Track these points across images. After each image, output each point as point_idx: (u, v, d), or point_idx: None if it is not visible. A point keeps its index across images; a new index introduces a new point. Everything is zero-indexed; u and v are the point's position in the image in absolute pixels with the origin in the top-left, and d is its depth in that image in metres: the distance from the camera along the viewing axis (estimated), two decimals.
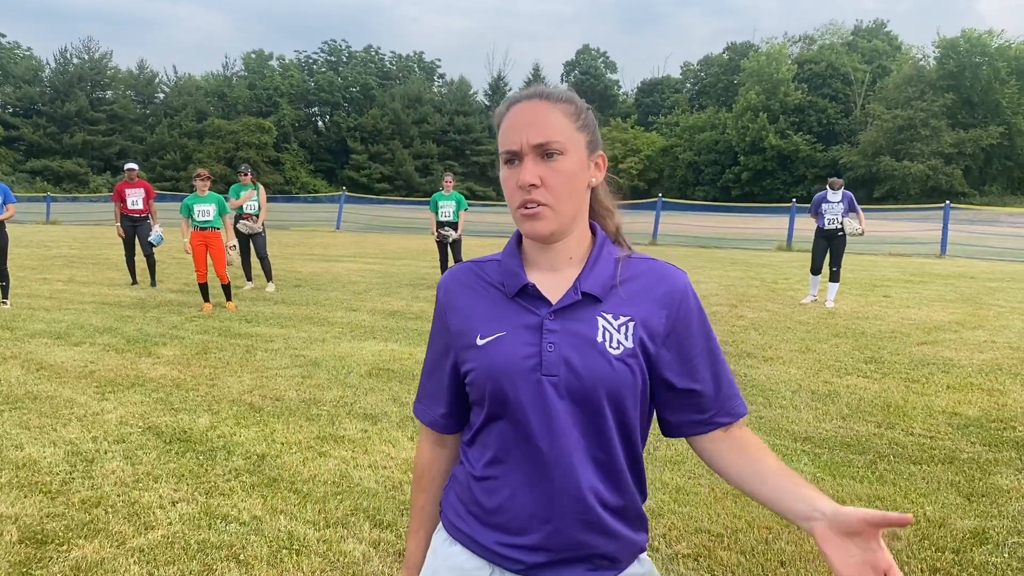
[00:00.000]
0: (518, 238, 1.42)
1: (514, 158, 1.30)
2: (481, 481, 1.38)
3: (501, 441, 1.35)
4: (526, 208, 1.30)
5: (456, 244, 12.71)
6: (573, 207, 1.33)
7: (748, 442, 1.38)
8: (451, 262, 12.66)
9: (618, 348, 1.30)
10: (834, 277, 10.95)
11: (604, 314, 1.32)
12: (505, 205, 1.35)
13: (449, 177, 13.14)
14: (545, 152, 1.29)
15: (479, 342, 1.35)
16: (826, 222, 10.99)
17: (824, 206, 11.04)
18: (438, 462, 1.53)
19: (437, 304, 1.47)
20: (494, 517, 1.36)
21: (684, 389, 1.38)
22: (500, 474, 1.35)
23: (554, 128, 1.29)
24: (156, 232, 11.92)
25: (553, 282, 1.36)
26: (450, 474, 1.51)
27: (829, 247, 11.01)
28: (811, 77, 74.08)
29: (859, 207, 11.11)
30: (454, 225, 12.63)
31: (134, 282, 12.57)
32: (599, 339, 1.30)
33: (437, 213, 12.72)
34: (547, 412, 1.29)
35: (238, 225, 11.95)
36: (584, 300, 1.33)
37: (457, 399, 1.45)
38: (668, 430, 1.44)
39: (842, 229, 10.89)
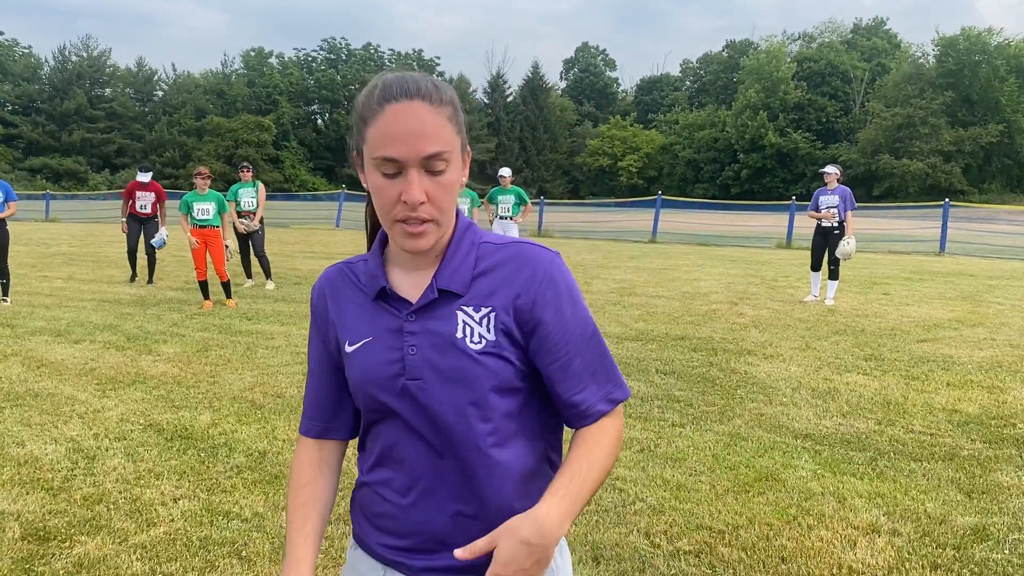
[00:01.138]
0: (384, 237, 1.34)
1: (394, 168, 1.17)
2: (366, 486, 1.35)
3: (382, 446, 1.31)
4: (407, 224, 1.19)
5: None
6: (452, 215, 1.26)
7: (592, 431, 1.29)
8: None
9: (479, 342, 1.24)
10: (833, 275, 10.95)
11: (464, 308, 1.25)
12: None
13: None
14: (432, 164, 1.17)
15: (348, 349, 1.31)
16: (823, 219, 10.98)
17: (821, 200, 11.03)
18: (319, 463, 1.42)
19: (312, 307, 1.40)
20: (380, 520, 1.33)
21: (553, 380, 1.29)
22: (384, 478, 1.31)
23: (441, 138, 1.18)
24: (161, 235, 11.97)
25: (414, 281, 1.29)
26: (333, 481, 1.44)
27: (826, 244, 11.00)
28: (810, 75, 74.12)
29: (853, 206, 10.98)
30: None
31: (134, 277, 12.60)
32: (459, 335, 1.24)
33: None
34: (418, 415, 1.26)
35: (235, 223, 11.95)
36: (442, 297, 1.26)
37: (327, 406, 1.40)
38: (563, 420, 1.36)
39: (839, 228, 10.87)
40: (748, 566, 3.35)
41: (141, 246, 12.58)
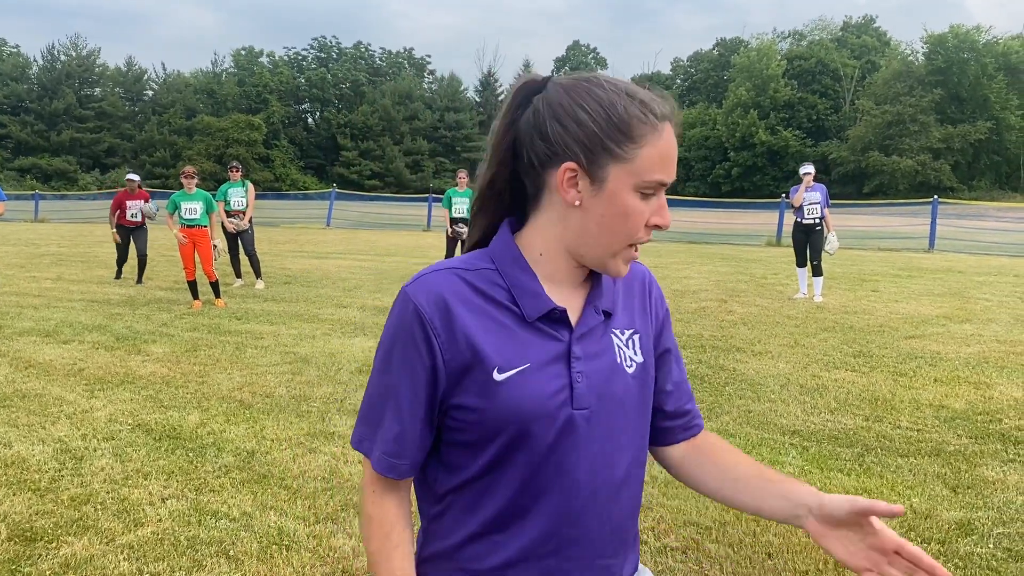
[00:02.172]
0: (512, 238, 1.18)
1: (654, 191, 1.11)
2: (478, 539, 1.17)
3: (506, 498, 1.14)
4: (635, 250, 1.15)
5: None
6: None
7: (717, 446, 1.30)
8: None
9: (631, 366, 1.19)
10: (816, 271, 11.04)
11: (614, 331, 1.19)
12: None
13: (463, 174, 13.20)
14: None
15: (497, 377, 1.11)
16: (804, 215, 11.08)
17: (805, 196, 11.12)
18: (406, 509, 1.21)
19: (419, 324, 1.12)
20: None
21: (665, 392, 1.29)
22: (510, 525, 1.15)
23: None
24: (151, 207, 12.20)
25: (565, 299, 1.17)
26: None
27: (809, 241, 11.09)
28: (801, 73, 74.35)
29: (827, 203, 11.18)
30: (468, 222, 12.65)
31: (118, 276, 12.65)
32: (618, 360, 1.17)
33: (451, 209, 12.75)
34: (580, 450, 1.14)
35: (225, 223, 11.94)
36: (603, 319, 1.19)
37: (427, 442, 1.18)
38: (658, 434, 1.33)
39: (820, 224, 10.99)
40: (735, 562, 3.36)
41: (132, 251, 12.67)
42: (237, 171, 12.33)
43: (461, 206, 12.72)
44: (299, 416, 5.42)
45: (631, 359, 1.19)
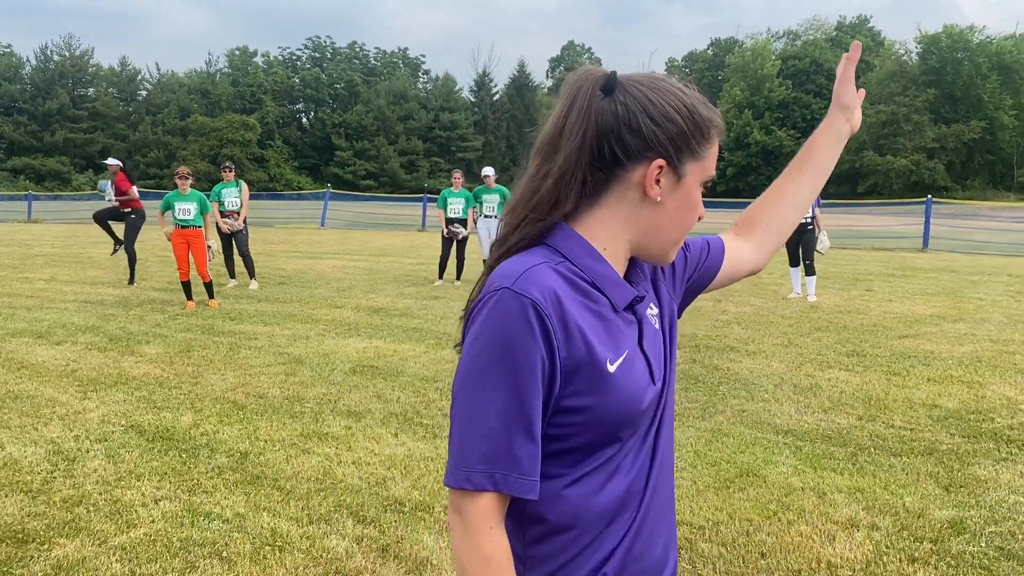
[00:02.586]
0: (575, 233, 1.17)
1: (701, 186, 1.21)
2: (594, 538, 1.15)
3: (623, 488, 1.15)
4: (679, 242, 1.23)
5: (463, 242, 12.79)
6: None
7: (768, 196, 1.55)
8: (454, 259, 12.78)
9: (669, 340, 1.28)
10: (809, 270, 11.07)
11: (650, 306, 1.26)
12: None
13: (458, 174, 13.21)
14: None
15: (610, 368, 1.10)
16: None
17: None
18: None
19: (539, 321, 1.06)
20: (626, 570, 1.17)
21: (708, 253, 1.45)
22: (618, 520, 1.16)
23: None
24: (102, 183, 12.26)
25: None
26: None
27: (800, 240, 11.13)
28: (795, 73, 74.50)
29: (818, 202, 11.31)
30: (463, 222, 12.72)
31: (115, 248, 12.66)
32: (656, 327, 1.25)
33: (446, 210, 12.78)
34: (661, 429, 1.21)
35: (219, 223, 11.91)
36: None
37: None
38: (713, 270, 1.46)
39: (811, 224, 11.05)
40: (728, 561, 3.37)
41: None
42: (230, 171, 12.31)
43: (457, 206, 12.75)
44: (293, 417, 5.41)
45: (665, 332, 1.27)
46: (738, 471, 4.40)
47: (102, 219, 12.75)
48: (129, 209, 12.55)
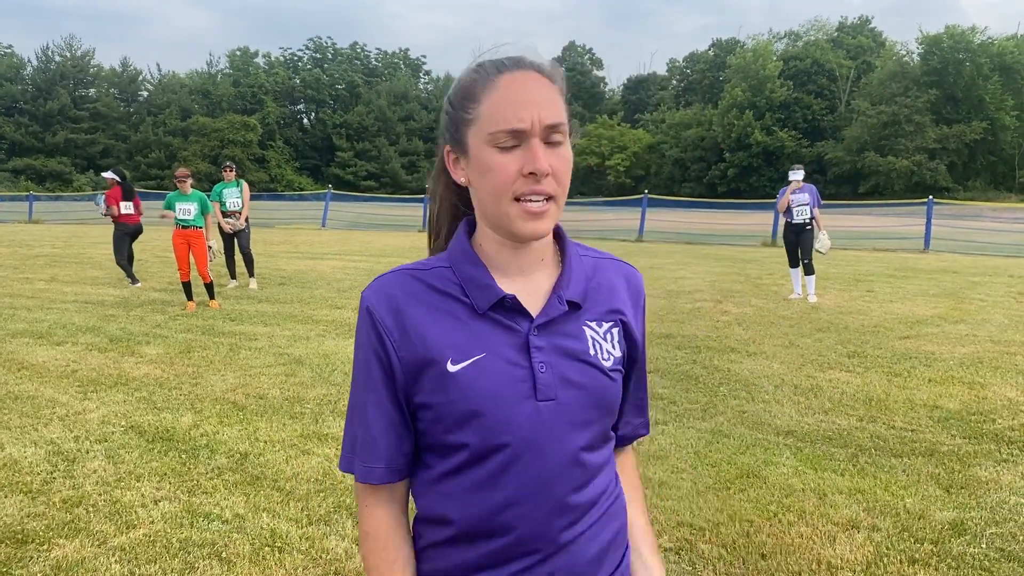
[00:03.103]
0: (467, 236, 1.20)
1: (515, 139, 1.08)
2: (444, 545, 1.18)
3: (482, 484, 1.13)
4: (531, 202, 1.09)
5: None
6: (564, 201, 1.14)
7: (630, 475, 1.34)
8: None
9: (608, 359, 1.18)
10: (808, 270, 11.05)
11: (589, 323, 1.18)
12: None
13: None
14: (552, 135, 1.09)
15: (451, 368, 1.11)
16: (794, 216, 11.14)
17: (793, 198, 11.20)
18: (399, 521, 1.22)
19: (371, 325, 1.15)
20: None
21: (627, 397, 1.29)
22: (488, 527, 1.14)
23: (561, 108, 1.11)
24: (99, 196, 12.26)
25: (528, 290, 1.17)
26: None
27: (797, 241, 11.13)
28: (796, 74, 74.44)
29: (819, 202, 11.27)
30: None
31: (134, 280, 12.53)
32: (592, 352, 1.16)
33: None
34: (542, 439, 1.12)
35: (221, 223, 11.92)
36: (569, 310, 1.17)
37: (403, 445, 1.18)
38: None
39: (810, 224, 11.04)
40: (728, 562, 3.36)
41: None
42: (231, 171, 12.31)
43: None
44: (292, 418, 5.40)
45: (608, 352, 1.18)
46: (738, 472, 4.39)
47: (123, 258, 12.61)
48: (113, 219, 12.57)
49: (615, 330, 1.20)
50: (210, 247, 10.39)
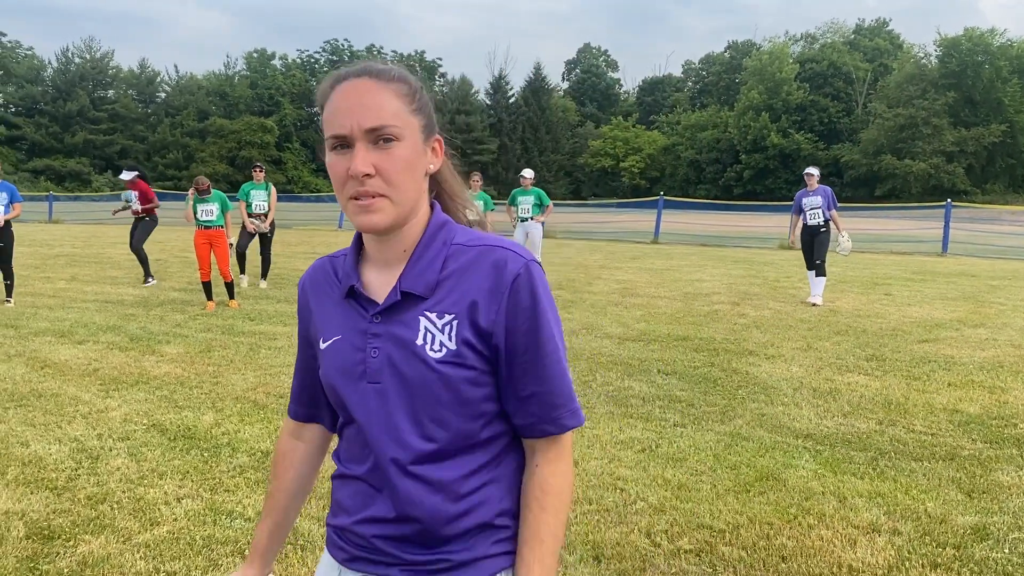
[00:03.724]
0: (359, 234, 1.32)
1: (342, 143, 1.19)
2: (335, 478, 1.36)
3: (350, 442, 1.31)
4: (359, 200, 1.19)
5: None
6: (411, 197, 1.22)
7: (534, 488, 1.27)
8: None
9: (440, 351, 1.21)
10: (819, 271, 10.99)
11: (427, 313, 1.22)
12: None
13: (477, 177, 13.17)
14: (379, 137, 1.18)
15: (322, 345, 1.31)
16: (808, 218, 11.13)
17: (804, 202, 11.19)
18: (293, 451, 1.49)
19: (298, 301, 1.42)
20: (339, 514, 1.33)
21: (507, 392, 1.26)
22: (353, 473, 1.30)
23: (387, 111, 1.18)
24: (125, 196, 12.23)
25: (384, 280, 1.27)
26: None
27: (812, 243, 11.10)
28: (813, 76, 74.08)
29: (835, 205, 11.22)
30: (482, 224, 12.66)
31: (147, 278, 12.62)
32: (419, 342, 1.21)
33: None
34: (373, 418, 1.24)
35: (246, 223, 12.04)
36: (406, 299, 1.23)
37: (312, 396, 1.44)
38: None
39: (824, 226, 11.03)
40: (748, 565, 3.36)
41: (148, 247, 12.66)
42: (261, 171, 12.41)
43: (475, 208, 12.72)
44: None
45: (442, 344, 1.21)
46: (758, 475, 4.39)
47: (139, 249, 12.64)
48: (144, 214, 12.62)
49: (455, 322, 1.21)
50: (231, 245, 10.47)
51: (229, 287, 10.25)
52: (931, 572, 3.30)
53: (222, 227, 10.19)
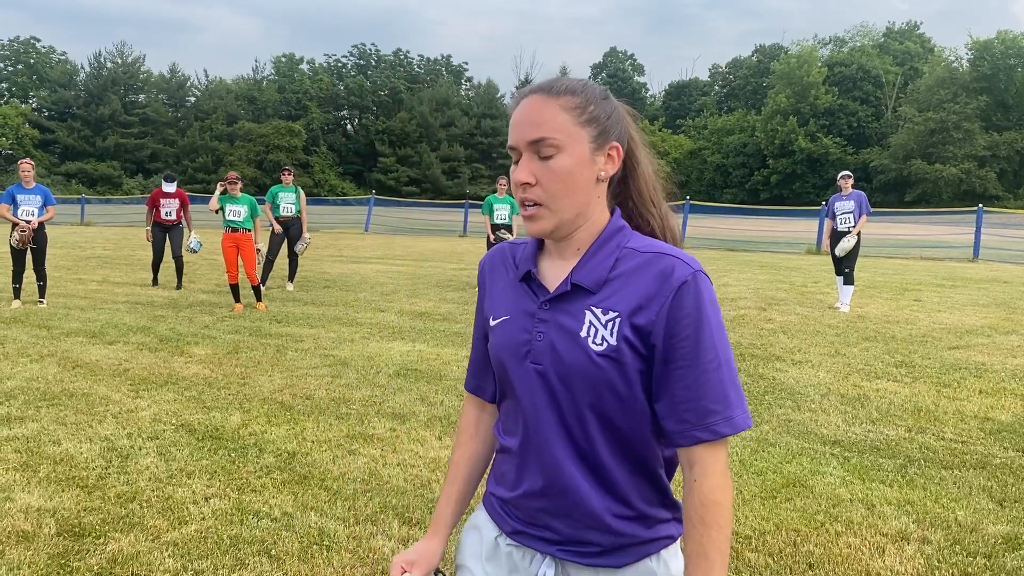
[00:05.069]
0: None
1: (515, 155, 1.31)
2: (498, 452, 1.46)
3: (507, 416, 1.41)
4: (524, 207, 1.31)
5: None
6: (574, 204, 1.29)
7: (694, 502, 1.27)
8: None
9: (601, 344, 1.26)
10: (848, 279, 10.85)
11: (593, 308, 1.29)
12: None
13: (503, 180, 13.19)
14: (540, 149, 1.27)
15: (492, 323, 1.42)
16: (839, 223, 10.99)
17: (837, 206, 11.06)
18: (477, 422, 1.56)
19: (478, 280, 1.52)
20: (500, 484, 1.43)
21: (661, 395, 1.29)
22: (508, 445, 1.40)
23: (550, 125, 1.26)
24: (195, 240, 11.89)
25: (558, 271, 1.35)
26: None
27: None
28: (842, 80, 73.42)
29: (868, 210, 10.99)
30: (509, 228, 12.73)
31: (155, 283, 12.69)
32: (583, 333, 1.27)
33: (492, 216, 12.78)
34: (533, 398, 1.33)
35: (273, 225, 12.17)
36: (575, 292, 1.31)
37: (489, 367, 1.52)
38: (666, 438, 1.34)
39: (851, 231, 10.88)
40: (775, 571, 3.33)
41: (167, 253, 12.71)
42: (289, 174, 12.53)
43: (503, 212, 12.74)
44: (339, 418, 5.47)
45: (603, 338, 1.27)
46: (784, 481, 4.35)
47: (180, 256, 12.74)
48: (179, 221, 12.76)
49: (617, 320, 1.27)
50: (258, 250, 10.56)
51: (256, 290, 10.34)
52: None
53: (249, 231, 10.28)
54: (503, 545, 1.42)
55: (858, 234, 10.85)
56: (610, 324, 1.27)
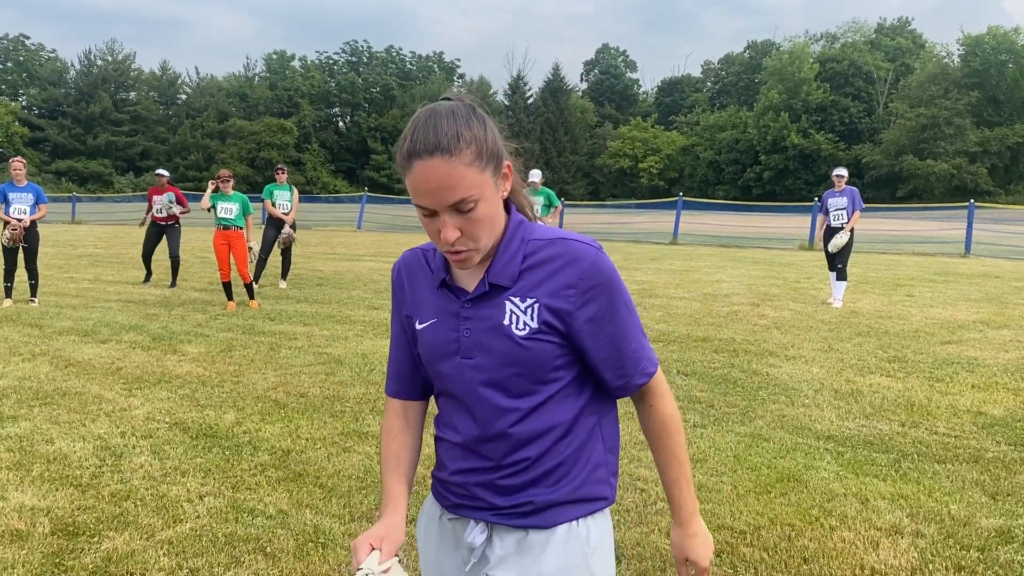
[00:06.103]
0: None
1: (430, 212, 1.34)
2: (436, 441, 1.58)
3: (447, 411, 1.53)
4: (451, 253, 1.37)
5: None
6: (493, 234, 1.39)
7: (654, 423, 1.52)
8: None
9: (524, 329, 1.40)
10: (840, 275, 10.87)
11: (512, 297, 1.41)
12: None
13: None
14: (460, 207, 1.31)
15: (418, 327, 1.51)
16: (832, 219, 11.01)
17: (830, 202, 11.08)
18: (404, 418, 1.64)
19: (392, 286, 1.60)
20: (440, 469, 1.57)
21: (597, 357, 1.45)
22: (447, 437, 1.53)
23: (463, 185, 1.30)
24: (165, 199, 12.25)
25: (473, 273, 1.46)
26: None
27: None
28: (833, 76, 73.54)
29: (860, 206, 11.00)
30: None
31: (147, 279, 12.65)
32: (506, 322, 1.41)
33: None
34: (470, 388, 1.45)
35: (273, 214, 12.14)
36: (493, 289, 1.42)
37: (414, 372, 1.61)
38: (609, 394, 1.53)
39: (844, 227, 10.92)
40: (770, 566, 3.34)
41: (165, 252, 12.70)
42: (283, 173, 12.50)
43: None
44: (333, 416, 5.47)
45: (525, 323, 1.40)
46: (779, 476, 4.36)
47: (177, 255, 12.74)
48: (175, 221, 12.74)
49: (536, 305, 1.40)
50: (250, 248, 10.54)
51: (249, 288, 10.32)
52: (955, 575, 3.27)
53: (241, 228, 10.26)
54: (445, 521, 1.58)
55: (851, 230, 10.88)
56: (529, 310, 1.40)
